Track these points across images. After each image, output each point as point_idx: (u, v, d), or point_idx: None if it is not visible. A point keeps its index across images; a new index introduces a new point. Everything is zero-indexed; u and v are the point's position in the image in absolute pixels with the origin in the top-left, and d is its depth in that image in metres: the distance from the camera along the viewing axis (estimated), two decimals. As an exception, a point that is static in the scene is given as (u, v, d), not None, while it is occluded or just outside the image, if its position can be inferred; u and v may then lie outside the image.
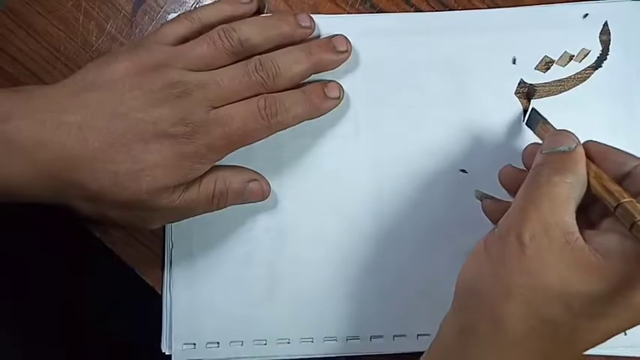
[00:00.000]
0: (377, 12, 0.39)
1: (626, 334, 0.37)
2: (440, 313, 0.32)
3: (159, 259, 0.38)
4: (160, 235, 0.38)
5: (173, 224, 0.38)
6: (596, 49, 0.39)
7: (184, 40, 0.35)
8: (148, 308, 0.38)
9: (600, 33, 0.39)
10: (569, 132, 0.31)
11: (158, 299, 0.38)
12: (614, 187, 0.29)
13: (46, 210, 0.33)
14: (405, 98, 0.39)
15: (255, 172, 0.38)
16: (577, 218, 0.29)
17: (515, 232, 0.29)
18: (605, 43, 0.39)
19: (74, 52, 0.39)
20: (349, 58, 0.38)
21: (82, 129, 0.31)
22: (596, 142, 0.32)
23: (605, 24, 0.39)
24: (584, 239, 0.28)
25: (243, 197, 0.36)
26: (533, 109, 0.37)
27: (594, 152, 0.31)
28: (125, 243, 0.38)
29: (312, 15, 0.38)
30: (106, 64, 0.33)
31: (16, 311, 0.35)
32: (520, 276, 0.28)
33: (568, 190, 0.29)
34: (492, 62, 0.39)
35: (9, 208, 0.32)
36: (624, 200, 0.27)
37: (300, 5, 0.40)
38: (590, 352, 0.37)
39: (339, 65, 0.38)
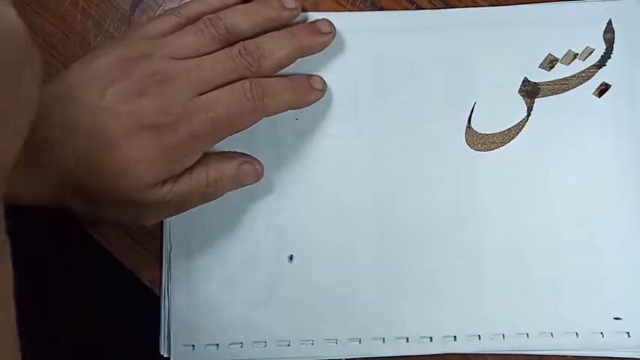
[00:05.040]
0: (378, 10, 0.39)
1: (629, 335, 0.37)
2: (443, 316, 0.32)
3: (157, 260, 0.38)
4: (158, 236, 0.38)
5: (171, 225, 0.38)
6: (600, 48, 0.38)
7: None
8: (146, 310, 0.37)
9: (604, 31, 0.38)
10: None
11: (156, 301, 0.38)
12: None
13: (41, 210, 0.33)
14: (406, 96, 0.38)
15: (245, 154, 0.37)
16: None
17: None
18: (609, 42, 0.38)
19: (72, 50, 0.39)
20: (350, 57, 0.38)
21: (69, 129, 0.31)
22: None
23: (609, 22, 0.38)
24: None
25: (237, 181, 0.36)
26: None
27: None
28: (122, 244, 0.38)
29: (312, 13, 0.38)
30: (89, 61, 0.33)
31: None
32: None
33: None
34: (495, 60, 0.38)
35: (6, 209, 0.31)
36: None
37: (301, 3, 0.39)
38: (593, 354, 0.37)
39: (324, 48, 0.37)
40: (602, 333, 0.37)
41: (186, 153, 0.33)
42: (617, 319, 0.37)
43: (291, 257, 0.38)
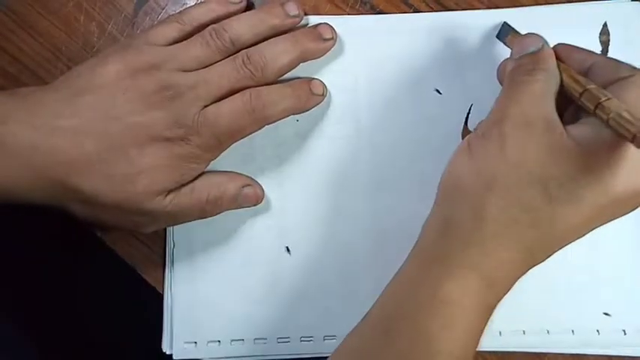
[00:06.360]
0: (376, 13, 0.40)
1: (625, 333, 0.37)
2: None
3: (160, 259, 0.38)
4: (162, 235, 0.38)
5: (174, 223, 0.38)
6: (596, 50, 0.39)
7: (174, 41, 0.35)
8: (149, 308, 0.38)
9: (600, 33, 0.39)
10: (536, 34, 0.33)
11: (159, 299, 0.38)
12: (580, 77, 0.31)
13: (46, 210, 0.33)
14: (404, 98, 0.39)
15: (249, 177, 0.38)
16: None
17: (498, 127, 0.30)
18: (605, 44, 0.39)
19: (75, 52, 0.39)
20: (349, 60, 0.38)
21: (77, 133, 0.31)
22: (561, 43, 0.33)
23: (605, 24, 0.39)
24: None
25: (237, 202, 0.37)
26: (504, 22, 0.38)
27: (559, 51, 0.33)
28: (126, 242, 0.39)
29: (312, 16, 0.38)
30: (98, 66, 0.33)
31: (14, 312, 0.35)
32: (501, 166, 0.29)
33: (543, 84, 0.30)
34: (493, 63, 0.39)
35: (9, 209, 0.32)
36: (589, 86, 0.29)
37: (301, 6, 0.40)
38: (589, 352, 0.38)
39: (326, 53, 0.38)
40: (598, 331, 0.38)
41: (196, 162, 0.34)
42: (606, 314, 0.37)
43: (287, 249, 0.38)
